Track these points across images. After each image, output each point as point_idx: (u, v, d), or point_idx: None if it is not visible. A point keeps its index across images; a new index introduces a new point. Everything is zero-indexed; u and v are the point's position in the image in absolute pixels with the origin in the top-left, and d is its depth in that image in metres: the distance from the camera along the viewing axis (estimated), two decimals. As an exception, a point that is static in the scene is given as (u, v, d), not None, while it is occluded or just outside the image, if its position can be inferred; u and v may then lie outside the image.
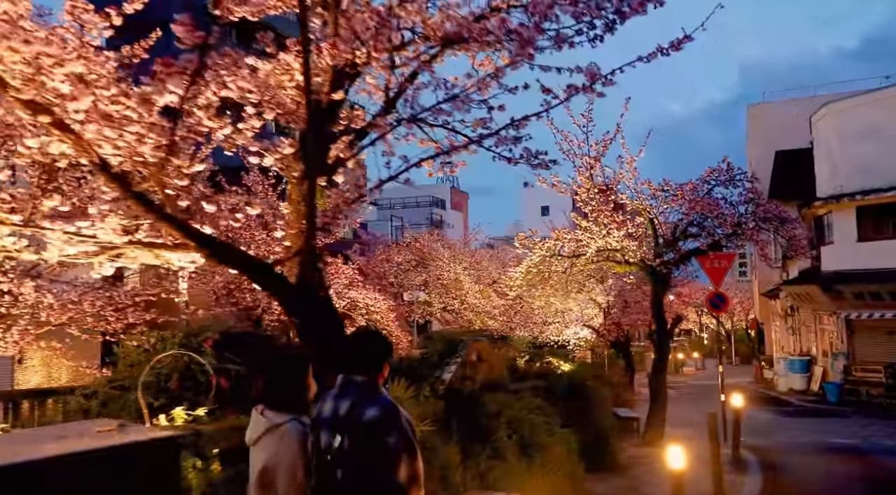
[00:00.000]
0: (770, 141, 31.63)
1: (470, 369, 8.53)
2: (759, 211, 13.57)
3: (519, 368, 12.95)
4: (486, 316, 25.89)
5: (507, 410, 7.96)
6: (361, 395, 3.17)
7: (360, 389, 3.20)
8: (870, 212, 22.14)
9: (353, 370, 3.28)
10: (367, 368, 3.28)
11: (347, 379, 3.26)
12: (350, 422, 3.11)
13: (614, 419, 14.81)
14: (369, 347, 3.38)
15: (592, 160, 13.72)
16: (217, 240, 4.54)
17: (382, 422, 3.09)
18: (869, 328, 22.84)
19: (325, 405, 3.27)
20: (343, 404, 3.17)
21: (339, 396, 3.22)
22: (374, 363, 3.31)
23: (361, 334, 3.62)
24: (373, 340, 3.44)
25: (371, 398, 3.16)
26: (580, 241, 14.30)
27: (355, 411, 3.11)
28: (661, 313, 14.25)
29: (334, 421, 3.16)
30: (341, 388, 3.26)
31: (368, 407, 3.11)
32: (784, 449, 14.42)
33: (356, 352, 3.35)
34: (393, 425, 3.10)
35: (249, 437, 3.35)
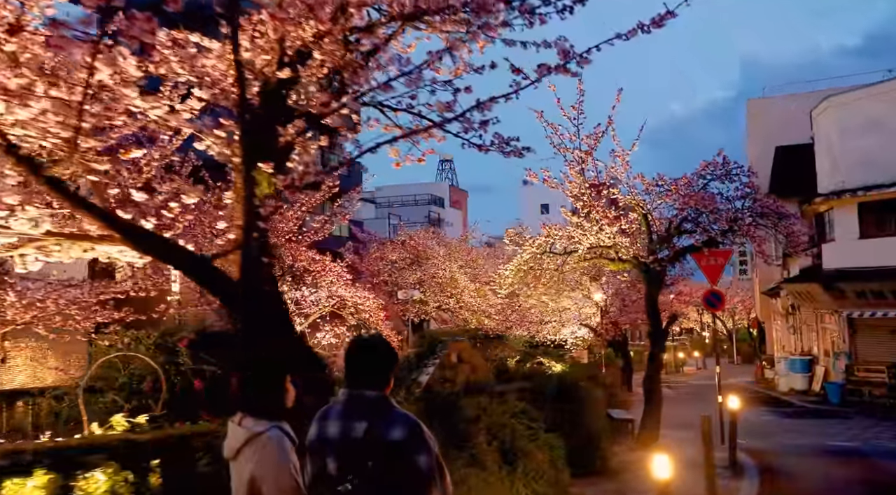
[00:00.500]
0: (770, 136, 31.16)
1: (450, 371, 8.13)
2: (756, 206, 13.14)
3: (509, 369, 12.54)
4: (482, 315, 25.53)
5: (487, 414, 7.54)
6: (378, 413, 2.81)
7: (375, 406, 2.84)
8: (872, 209, 21.69)
9: (362, 384, 2.89)
10: (378, 381, 2.91)
11: (356, 395, 2.89)
12: (371, 446, 2.74)
13: (608, 421, 14.42)
14: (380, 357, 2.99)
15: (584, 154, 13.29)
16: (144, 232, 4.11)
17: (411, 442, 2.76)
18: (871, 327, 22.38)
19: (327, 425, 2.89)
20: (357, 425, 2.79)
21: (347, 415, 2.85)
22: (385, 375, 2.95)
23: (369, 342, 3.10)
24: (383, 349, 3.03)
25: (390, 415, 2.82)
26: (572, 238, 13.87)
27: (375, 432, 2.75)
28: (656, 312, 13.82)
29: (347, 445, 2.79)
30: (349, 406, 2.88)
31: (390, 426, 2.76)
32: (782, 452, 13.99)
33: (366, 363, 2.95)
34: (422, 444, 2.78)
35: (229, 450, 3.06)
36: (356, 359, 2.96)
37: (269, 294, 4.53)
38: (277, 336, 4.45)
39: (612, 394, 16.59)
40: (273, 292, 4.61)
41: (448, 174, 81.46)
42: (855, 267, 21.43)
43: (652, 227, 13.57)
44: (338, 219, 18.35)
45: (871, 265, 20.94)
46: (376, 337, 3.13)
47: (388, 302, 27.56)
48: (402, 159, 5.54)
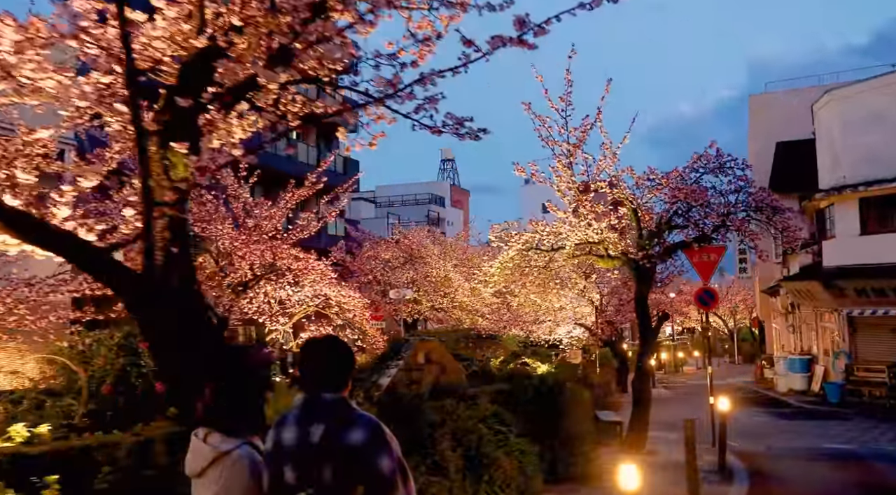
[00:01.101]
0: (772, 132, 30.60)
1: (416, 372, 7.68)
2: (750, 199, 12.65)
3: (489, 370, 12.08)
4: (476, 314, 25.11)
5: (452, 419, 7.09)
6: (336, 416, 2.69)
7: (333, 409, 2.71)
8: (873, 204, 21.16)
9: (318, 387, 2.76)
10: (335, 383, 2.78)
11: (312, 399, 2.75)
12: (329, 451, 2.63)
13: (595, 424, 13.96)
14: (337, 358, 2.84)
15: (572, 147, 12.82)
16: (27, 218, 3.66)
17: (371, 445, 2.64)
18: (872, 326, 21.85)
19: (283, 432, 2.74)
20: (313, 430, 2.66)
21: (305, 420, 2.71)
22: (343, 376, 2.82)
23: (324, 342, 2.94)
24: (340, 349, 2.90)
25: (350, 418, 2.70)
26: (559, 234, 13.39)
27: (334, 436, 2.64)
28: (645, 310, 13.33)
29: (304, 451, 2.66)
30: (305, 411, 2.74)
31: (350, 429, 2.65)
32: (776, 455, 13.52)
33: (323, 364, 2.81)
34: (384, 447, 2.67)
35: (192, 469, 2.83)
36: (311, 360, 2.83)
37: (179, 291, 4.07)
38: (186, 340, 3.99)
39: (601, 395, 16.13)
40: (186, 290, 4.15)
41: (450, 174, 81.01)
42: (856, 264, 20.91)
43: (642, 223, 13.07)
44: (325, 216, 17.83)
45: (872, 262, 20.41)
46: (332, 337, 3.04)
47: (382, 301, 27.20)
48: (352, 143, 5.15)
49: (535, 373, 12.42)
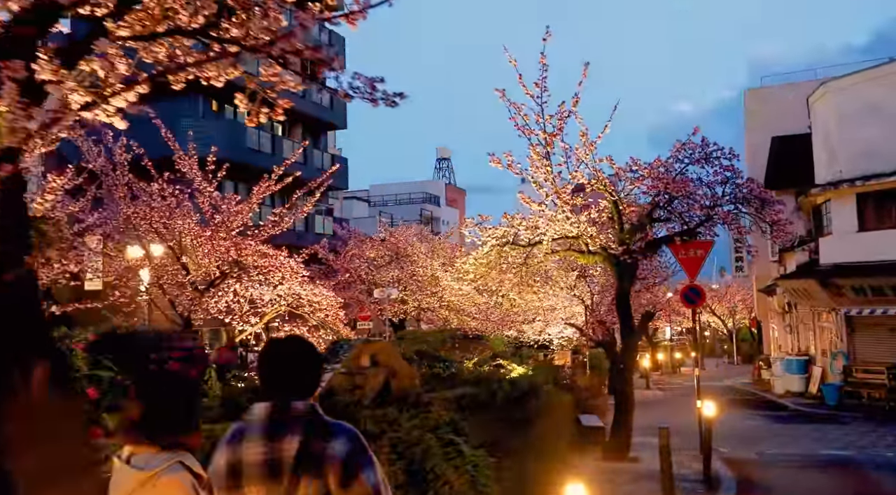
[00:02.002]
0: (768, 127, 29.85)
1: (360, 377, 6.95)
2: (737, 191, 11.89)
3: (456, 373, 11.31)
4: (464, 314, 24.39)
5: (394, 429, 6.33)
6: (311, 426, 2.43)
7: (307, 419, 2.45)
8: (871, 200, 20.40)
9: (286, 394, 2.49)
10: (304, 389, 2.54)
11: (281, 408, 2.46)
12: (311, 466, 2.36)
13: (576, 429, 13.22)
14: (305, 361, 2.60)
15: (549, 136, 12.08)
16: None
17: (356, 457, 2.42)
18: (870, 325, 21.08)
19: (242, 449, 2.44)
20: (287, 443, 2.39)
21: (273, 433, 2.42)
22: (312, 381, 2.61)
23: (290, 344, 2.67)
24: (307, 351, 2.64)
25: (326, 427, 2.46)
26: (537, 229, 12.64)
27: (313, 448, 2.38)
28: (627, 309, 12.58)
29: (277, 468, 2.37)
30: (273, 422, 2.44)
31: (330, 439, 2.41)
32: (767, 462, 12.76)
33: (290, 368, 2.55)
34: (368, 458, 2.47)
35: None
36: (276, 364, 2.57)
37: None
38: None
39: (587, 398, 15.36)
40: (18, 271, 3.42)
41: (445, 172, 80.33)
42: (853, 261, 20.15)
43: (623, 216, 12.32)
44: (309, 213, 17.10)
45: (870, 260, 19.65)
46: (296, 337, 2.80)
47: (368, 301, 26.50)
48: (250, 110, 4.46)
49: (509, 376, 11.64)
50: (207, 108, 29.44)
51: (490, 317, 24.22)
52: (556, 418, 11.32)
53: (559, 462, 10.44)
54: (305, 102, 33.17)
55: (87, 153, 14.41)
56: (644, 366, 31.75)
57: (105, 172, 14.49)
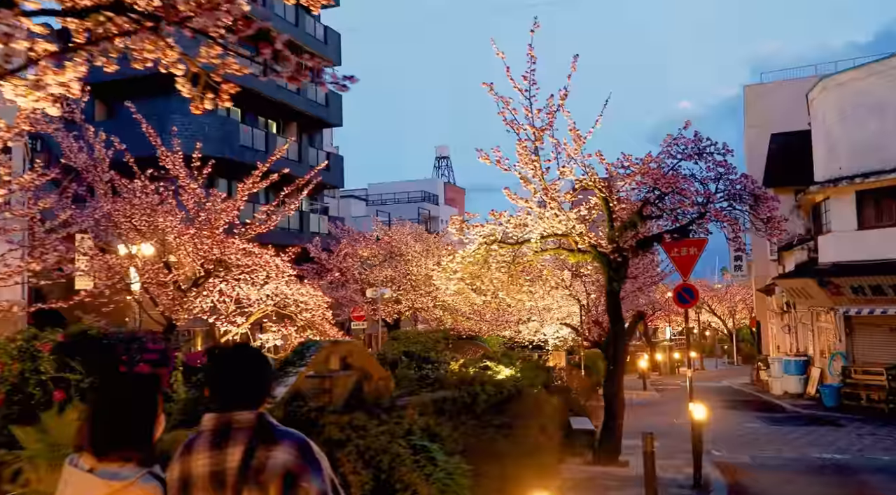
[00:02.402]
0: (768, 124, 29.47)
1: (329, 380, 6.61)
2: (730, 188, 11.53)
3: (443, 376, 11.00)
4: (458, 314, 24.06)
5: (360, 435, 6.01)
6: (256, 435, 2.38)
7: (252, 428, 2.40)
8: (871, 197, 20.02)
9: (231, 404, 2.43)
10: (251, 398, 2.47)
11: (226, 419, 2.41)
12: (252, 475, 2.31)
13: (566, 433, 12.91)
14: (252, 369, 2.52)
15: (538, 131, 11.74)
16: None
17: (301, 466, 2.34)
18: (869, 325, 20.70)
19: (192, 459, 2.40)
20: (230, 453, 2.35)
21: (217, 443, 2.38)
22: (260, 389, 2.52)
23: (236, 351, 2.62)
24: (254, 360, 2.56)
25: (271, 436, 2.39)
26: (525, 226, 12.30)
27: (257, 457, 2.32)
28: (618, 309, 12.24)
29: (221, 478, 2.34)
30: (218, 432, 2.41)
31: (274, 448, 2.35)
32: (761, 467, 12.41)
33: (235, 378, 2.48)
34: (315, 466, 2.37)
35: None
36: (221, 374, 2.51)
37: None
38: None
39: (577, 401, 15.03)
40: None
41: (444, 171, 79.92)
42: (852, 260, 19.78)
43: (614, 213, 11.97)
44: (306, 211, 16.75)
45: (869, 258, 19.28)
46: (244, 346, 2.69)
47: (362, 300, 26.21)
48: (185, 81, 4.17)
49: (495, 378, 11.30)
50: (200, 105, 29.08)
51: (484, 317, 23.91)
52: (543, 421, 11.00)
53: (544, 467, 10.11)
54: (300, 99, 32.88)
55: (68, 149, 14.10)
56: (641, 367, 31.39)
57: (86, 169, 14.18)
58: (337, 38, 36.48)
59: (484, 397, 9.63)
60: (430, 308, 25.68)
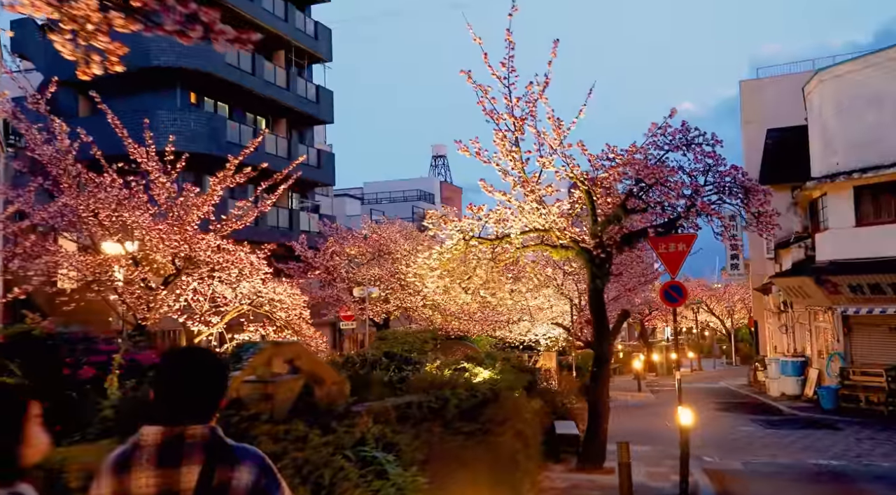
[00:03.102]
0: (765, 119, 28.88)
1: (270, 385, 6.03)
2: (718, 179, 10.93)
3: (404, 379, 10.39)
4: (448, 314, 23.47)
5: (298, 447, 5.41)
6: (213, 452, 2.11)
7: (207, 444, 2.13)
8: (869, 193, 19.42)
9: (183, 416, 2.14)
10: (205, 410, 2.20)
11: (177, 433, 2.12)
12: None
13: (550, 438, 12.32)
14: (208, 377, 2.25)
15: (518, 120, 11.15)
16: None
17: (264, 485, 2.14)
18: (868, 325, 20.10)
19: (130, 479, 2.09)
20: (185, 471, 2.08)
21: (167, 460, 2.09)
22: (215, 401, 2.24)
23: (191, 356, 2.36)
24: (210, 366, 2.28)
25: (230, 453, 2.14)
26: (506, 221, 11.70)
27: (214, 478, 2.07)
28: (601, 307, 11.65)
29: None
30: (168, 448, 2.10)
31: (235, 466, 2.11)
32: (754, 473, 11.81)
33: (188, 386, 2.19)
34: (277, 486, 2.19)
35: None
36: (172, 381, 2.23)
37: None
38: None
39: (563, 404, 14.44)
40: None
41: (441, 170, 79.33)
42: (850, 258, 19.18)
43: (597, 207, 11.38)
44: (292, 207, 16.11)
45: (867, 256, 18.69)
46: (197, 349, 2.51)
47: (349, 300, 25.66)
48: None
49: (471, 381, 10.69)
50: (185, 100, 28.54)
51: (473, 317, 23.34)
52: (521, 427, 10.40)
53: (522, 476, 9.52)
54: (289, 96, 32.31)
55: (32, 141, 13.53)
56: (636, 368, 30.80)
57: (51, 162, 13.60)
58: (328, 33, 35.92)
59: (455, 402, 9.01)
60: (420, 307, 25.08)
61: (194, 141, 26.54)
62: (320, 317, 26.37)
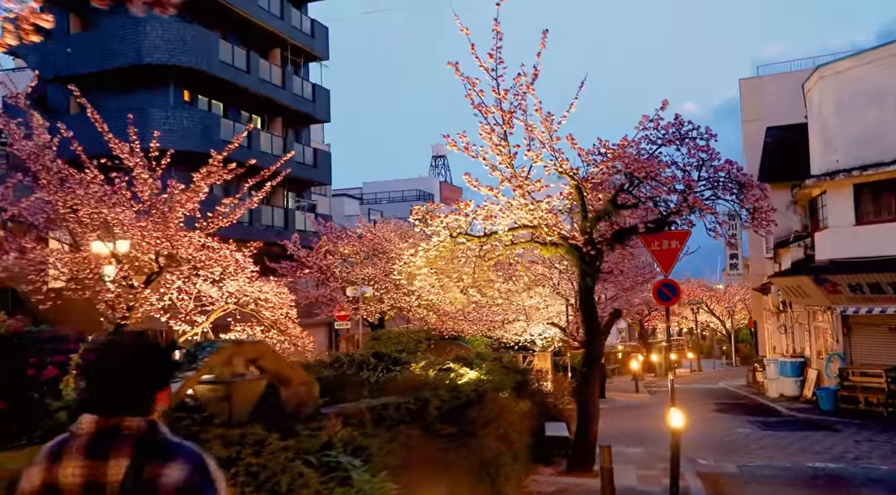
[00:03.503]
0: (765, 118, 28.53)
1: (228, 386, 5.71)
2: (713, 174, 10.61)
3: (380, 380, 10.09)
4: (442, 314, 23.22)
5: (255, 452, 5.10)
6: (145, 446, 2.01)
7: (140, 437, 2.02)
8: (869, 191, 19.06)
9: (117, 407, 2.04)
10: (142, 402, 2.09)
11: (110, 424, 2.02)
12: (139, 492, 1.96)
13: (539, 440, 11.99)
14: (147, 366, 2.13)
15: (507, 114, 10.83)
16: None
17: (195, 485, 2.00)
18: (868, 325, 19.74)
19: (58, 469, 2.01)
20: (112, 465, 1.98)
21: (96, 452, 1.99)
22: (153, 392, 2.12)
23: (127, 346, 2.14)
24: (150, 355, 2.16)
25: (163, 448, 2.03)
26: (493, 217, 11.38)
27: (142, 473, 1.97)
28: (592, 307, 11.33)
29: (98, 492, 1.98)
30: (98, 439, 2.00)
31: (166, 463, 2.00)
32: (748, 476, 11.48)
33: (125, 376, 2.07)
34: (210, 485, 2.04)
35: None
36: (107, 371, 2.11)
37: None
38: None
39: (555, 405, 14.10)
40: None
41: (441, 170, 78.99)
42: (850, 257, 18.84)
43: (588, 203, 11.05)
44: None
45: (867, 255, 18.34)
46: (138, 338, 2.24)
47: (343, 299, 25.38)
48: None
49: (456, 381, 10.37)
50: (179, 98, 28.23)
51: (467, 317, 23.07)
52: (506, 429, 10.09)
53: (505, 480, 9.21)
54: (285, 94, 32.03)
55: (12, 136, 13.26)
56: (634, 368, 30.48)
57: (30, 158, 13.32)
58: (324, 31, 35.62)
59: (436, 403, 8.68)
60: (414, 307, 24.79)
61: (187, 139, 26.27)
62: (315, 317, 26.09)
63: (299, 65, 34.21)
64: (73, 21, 28.83)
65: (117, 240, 13.42)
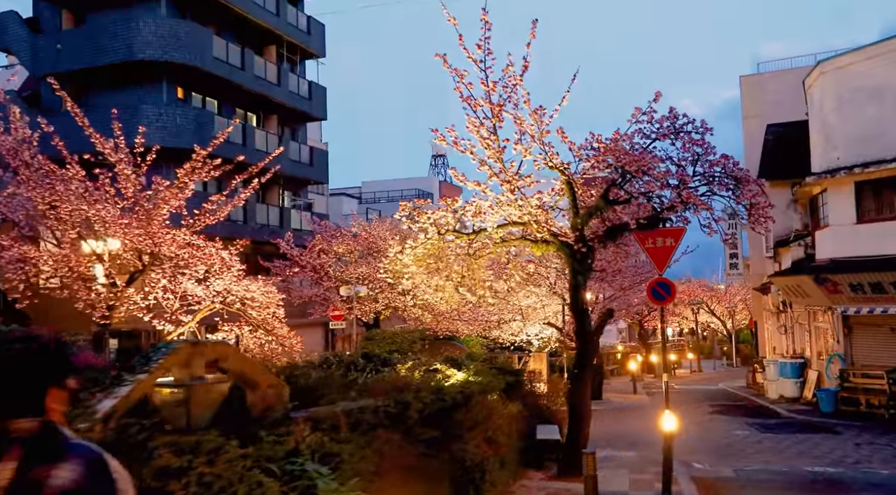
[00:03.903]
0: (765, 115, 28.14)
1: (186, 390, 5.38)
2: (708, 169, 10.26)
3: (357, 381, 9.75)
4: (438, 314, 22.85)
5: (209, 461, 4.75)
6: (36, 447, 1.91)
7: (31, 438, 1.91)
8: (870, 189, 18.70)
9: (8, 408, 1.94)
10: (32, 403, 1.97)
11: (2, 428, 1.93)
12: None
13: (530, 443, 11.65)
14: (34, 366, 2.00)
15: (496, 107, 10.49)
16: None
17: (88, 487, 1.88)
18: (869, 326, 19.38)
19: None
20: (0, 468, 1.88)
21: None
22: (33, 394, 1.97)
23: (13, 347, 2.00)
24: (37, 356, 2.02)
25: (57, 450, 1.92)
26: (483, 214, 11.05)
27: (30, 476, 1.87)
28: (582, 306, 10.98)
29: None
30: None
31: (56, 464, 1.88)
32: (744, 481, 11.13)
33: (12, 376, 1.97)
34: (108, 487, 1.92)
35: None
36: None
37: None
38: None
39: (547, 408, 13.77)
40: None
41: (440, 170, 78.65)
42: (851, 256, 18.48)
43: (579, 199, 10.71)
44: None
45: (869, 254, 17.98)
46: (27, 336, 2.08)
47: (338, 299, 25.07)
48: None
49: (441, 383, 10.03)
50: (172, 95, 27.90)
51: (462, 317, 22.70)
52: (494, 433, 9.76)
53: (490, 485, 8.88)
54: (280, 91, 31.69)
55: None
56: (631, 369, 30.11)
57: (9, 153, 13.01)
58: (321, 28, 35.27)
59: (418, 406, 8.33)
60: (409, 307, 24.46)
61: (180, 136, 25.93)
62: (310, 317, 25.77)
63: (295, 62, 33.87)
64: (65, 17, 28.54)
65: (99, 237, 13.13)
